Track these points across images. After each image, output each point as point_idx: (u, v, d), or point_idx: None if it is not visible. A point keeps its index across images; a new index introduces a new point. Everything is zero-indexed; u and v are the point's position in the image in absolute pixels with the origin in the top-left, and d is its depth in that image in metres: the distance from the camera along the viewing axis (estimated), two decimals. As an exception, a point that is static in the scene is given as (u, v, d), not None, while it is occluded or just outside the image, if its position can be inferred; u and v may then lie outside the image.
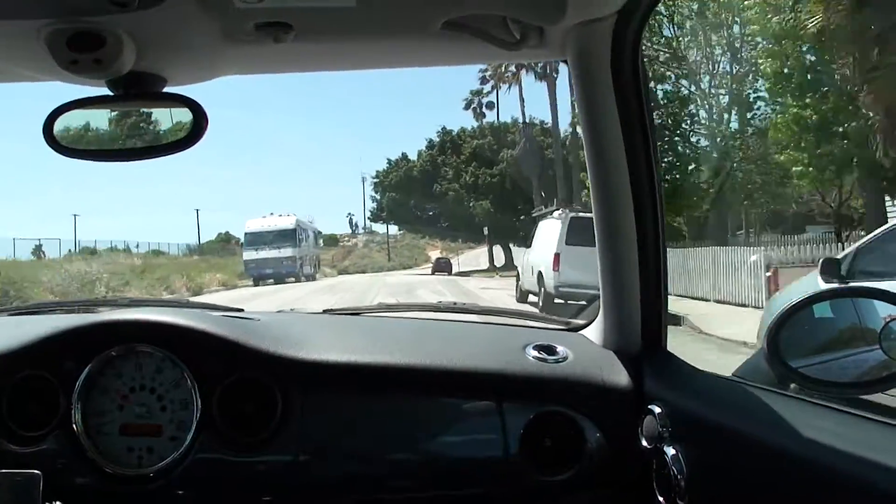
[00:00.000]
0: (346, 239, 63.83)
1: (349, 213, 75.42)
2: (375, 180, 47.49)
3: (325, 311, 1.81)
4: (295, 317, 1.85)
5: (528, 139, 35.48)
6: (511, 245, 36.16)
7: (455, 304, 1.84)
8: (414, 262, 54.62)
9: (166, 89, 1.27)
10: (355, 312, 1.81)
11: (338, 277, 33.58)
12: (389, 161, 46.63)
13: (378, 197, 47.23)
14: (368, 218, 53.23)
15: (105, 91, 1.21)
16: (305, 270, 27.78)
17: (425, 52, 1.40)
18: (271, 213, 29.45)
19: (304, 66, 1.46)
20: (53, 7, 1.04)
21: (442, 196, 39.94)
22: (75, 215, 45.25)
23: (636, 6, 1.19)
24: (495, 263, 39.21)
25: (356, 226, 67.26)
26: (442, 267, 36.24)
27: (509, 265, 31.40)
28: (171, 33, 1.15)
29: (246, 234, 28.46)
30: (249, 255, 26.83)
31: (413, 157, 44.66)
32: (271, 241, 26.57)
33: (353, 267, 49.80)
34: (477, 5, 1.18)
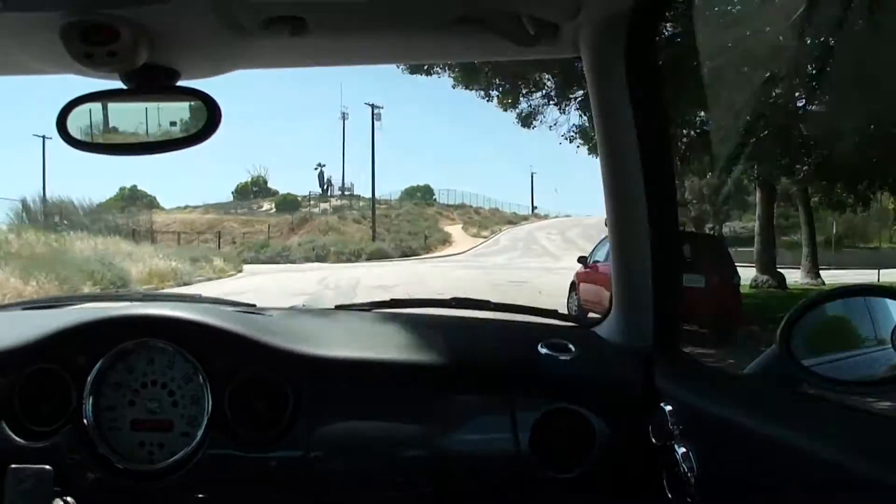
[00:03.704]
0: (312, 203, 41.65)
1: (319, 165, 49.01)
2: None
3: (336, 307, 1.82)
4: (306, 313, 1.85)
5: None
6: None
7: (467, 299, 1.84)
8: (421, 246, 32.58)
9: (180, 83, 1.27)
10: (366, 308, 1.82)
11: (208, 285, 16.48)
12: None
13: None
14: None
15: (118, 84, 1.21)
16: None
17: (438, 47, 1.40)
18: None
19: (316, 60, 1.46)
20: None
21: None
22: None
23: (652, 3, 1.18)
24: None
25: (329, 184, 44.83)
26: None
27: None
28: (186, 27, 1.15)
29: None
30: None
31: None
32: None
33: (301, 248, 27.88)
34: (491, 0, 1.18)
